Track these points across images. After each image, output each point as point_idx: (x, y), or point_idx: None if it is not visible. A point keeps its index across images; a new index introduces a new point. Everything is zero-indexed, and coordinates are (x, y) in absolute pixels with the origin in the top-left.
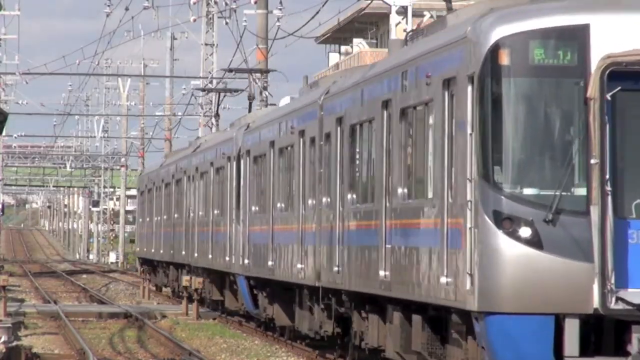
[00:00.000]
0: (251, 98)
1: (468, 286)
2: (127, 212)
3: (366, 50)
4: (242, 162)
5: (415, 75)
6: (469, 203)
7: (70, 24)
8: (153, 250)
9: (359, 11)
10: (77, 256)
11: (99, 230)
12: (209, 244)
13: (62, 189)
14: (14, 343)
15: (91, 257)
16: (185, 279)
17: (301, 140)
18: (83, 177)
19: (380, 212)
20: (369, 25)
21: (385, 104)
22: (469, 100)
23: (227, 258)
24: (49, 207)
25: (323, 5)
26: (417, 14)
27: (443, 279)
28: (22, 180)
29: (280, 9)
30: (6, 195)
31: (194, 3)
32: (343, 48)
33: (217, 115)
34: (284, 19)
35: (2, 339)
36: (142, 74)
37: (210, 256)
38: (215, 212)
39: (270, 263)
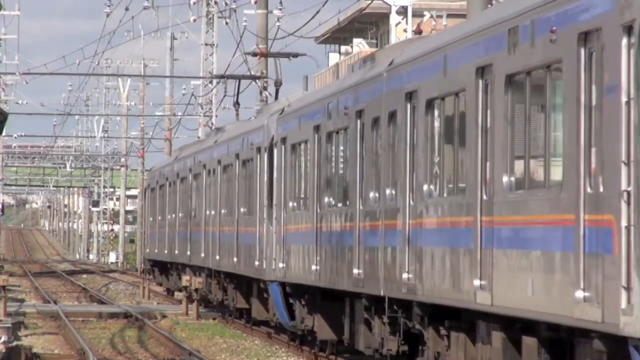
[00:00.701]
0: (278, 84)
1: (624, 304)
2: (127, 212)
3: (366, 50)
4: (275, 152)
5: (530, 31)
6: (625, 194)
7: (70, 24)
8: (166, 251)
9: (359, 11)
10: (77, 256)
11: (99, 230)
12: (233, 246)
13: (62, 189)
14: (14, 343)
15: (91, 257)
16: (185, 279)
17: (358, 122)
18: (83, 177)
19: (474, 206)
20: (369, 25)
21: (482, 71)
22: (624, 57)
23: (257, 262)
24: (49, 207)
25: (323, 5)
26: (417, 14)
27: (579, 293)
28: (22, 180)
29: (280, 9)
30: (6, 195)
31: (194, 3)
32: (343, 48)
33: (237, 103)
34: (284, 19)
35: (2, 339)
36: (142, 74)
37: (235, 259)
38: (242, 210)
39: (314, 268)
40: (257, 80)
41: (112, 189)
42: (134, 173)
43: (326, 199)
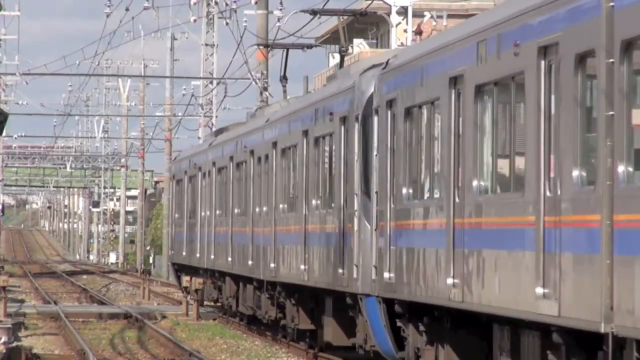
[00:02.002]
0: (343, 51)
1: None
2: (127, 212)
3: (366, 51)
4: (376, 120)
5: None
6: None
7: (70, 24)
8: (197, 255)
9: (359, 13)
10: (77, 257)
11: (99, 231)
12: (298, 250)
13: (62, 189)
14: (14, 344)
15: (91, 257)
16: (185, 279)
17: (542, 63)
18: (83, 178)
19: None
20: (369, 25)
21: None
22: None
23: (341, 270)
24: (49, 207)
25: (324, 6)
26: (417, 14)
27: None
28: (22, 180)
29: (280, 10)
30: (6, 196)
31: (194, 3)
32: None
33: (284, 78)
34: (284, 19)
35: (3, 340)
36: (142, 74)
37: (302, 267)
38: (314, 202)
39: (449, 282)
40: (258, 81)
41: (112, 190)
42: (134, 173)
43: (475, 184)
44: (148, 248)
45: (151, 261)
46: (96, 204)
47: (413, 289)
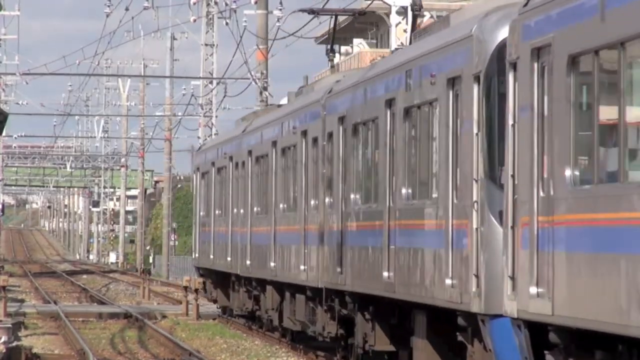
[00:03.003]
0: (416, 6)
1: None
2: (127, 212)
3: (366, 50)
4: (509, 79)
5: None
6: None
7: (71, 24)
8: (229, 259)
9: (358, 12)
10: (77, 256)
11: (99, 231)
12: (379, 253)
13: (62, 189)
14: (14, 343)
15: (91, 257)
16: (185, 279)
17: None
18: (83, 178)
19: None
20: (369, 25)
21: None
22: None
23: (453, 281)
24: (49, 207)
25: (324, 6)
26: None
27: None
28: (22, 180)
29: (280, 9)
30: (6, 196)
31: (194, 3)
32: (343, 48)
33: (332, 50)
34: (284, 19)
35: (2, 339)
36: (142, 74)
37: (386, 275)
38: (403, 192)
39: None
40: (258, 80)
41: (112, 189)
42: (134, 173)
43: None
44: (148, 248)
45: (151, 261)
46: (96, 204)
47: (588, 311)
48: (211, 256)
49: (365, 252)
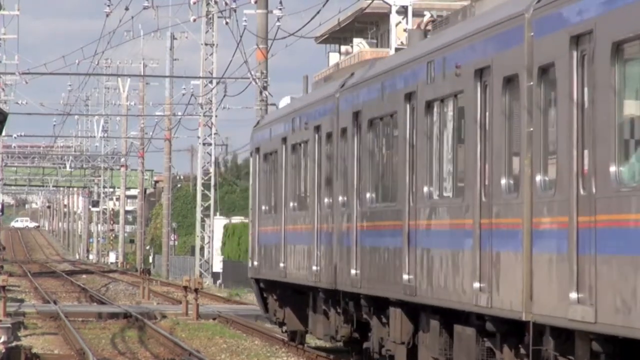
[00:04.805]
0: None
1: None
2: (127, 212)
3: (366, 50)
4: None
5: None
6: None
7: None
8: (316, 268)
9: (359, 11)
10: (77, 256)
11: (98, 231)
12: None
13: (61, 189)
14: (14, 343)
15: (91, 257)
16: (185, 279)
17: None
18: (83, 177)
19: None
20: (369, 25)
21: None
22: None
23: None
24: (49, 207)
25: (323, 5)
26: (418, 14)
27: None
28: (22, 180)
29: (280, 9)
30: (6, 195)
31: (194, 3)
32: (343, 48)
33: None
34: (284, 18)
35: (2, 339)
36: (142, 74)
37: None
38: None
39: None
40: (257, 80)
41: (112, 189)
42: (133, 173)
43: None
44: (148, 248)
45: (151, 261)
46: (96, 204)
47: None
48: (281, 264)
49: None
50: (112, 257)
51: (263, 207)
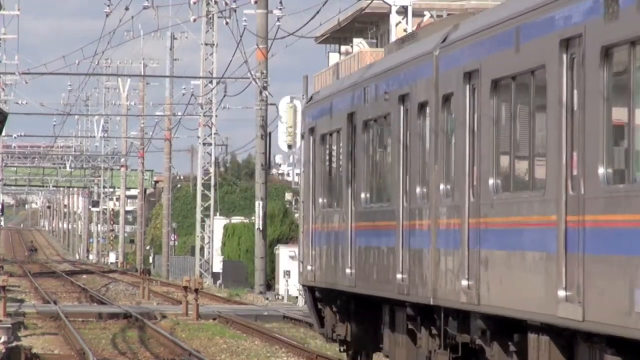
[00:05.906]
0: None
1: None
2: (127, 212)
3: (366, 50)
4: None
5: None
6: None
7: (72, 23)
8: (400, 277)
9: (359, 11)
10: (77, 256)
11: (98, 231)
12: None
13: (61, 189)
14: (14, 343)
15: (91, 257)
16: (185, 279)
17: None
18: (83, 177)
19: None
20: (369, 25)
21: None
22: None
23: None
24: (49, 207)
25: (323, 5)
26: (417, 13)
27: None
28: (22, 180)
29: (280, 9)
30: (6, 195)
31: (194, 3)
32: (343, 48)
33: None
34: (284, 18)
35: (2, 339)
36: (142, 74)
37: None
38: None
39: None
40: (257, 80)
41: (112, 189)
42: (133, 173)
43: None
44: (148, 248)
45: (151, 261)
46: (96, 204)
47: None
48: (348, 271)
49: None
50: (112, 257)
51: (320, 200)
